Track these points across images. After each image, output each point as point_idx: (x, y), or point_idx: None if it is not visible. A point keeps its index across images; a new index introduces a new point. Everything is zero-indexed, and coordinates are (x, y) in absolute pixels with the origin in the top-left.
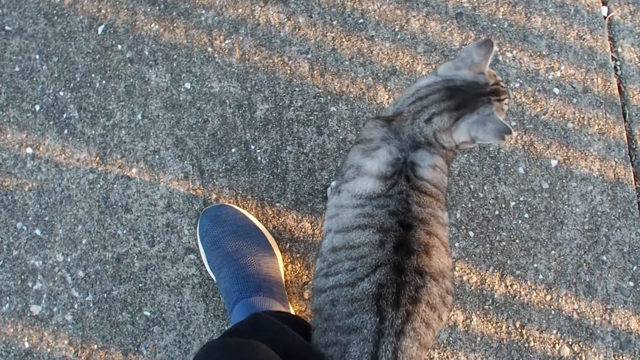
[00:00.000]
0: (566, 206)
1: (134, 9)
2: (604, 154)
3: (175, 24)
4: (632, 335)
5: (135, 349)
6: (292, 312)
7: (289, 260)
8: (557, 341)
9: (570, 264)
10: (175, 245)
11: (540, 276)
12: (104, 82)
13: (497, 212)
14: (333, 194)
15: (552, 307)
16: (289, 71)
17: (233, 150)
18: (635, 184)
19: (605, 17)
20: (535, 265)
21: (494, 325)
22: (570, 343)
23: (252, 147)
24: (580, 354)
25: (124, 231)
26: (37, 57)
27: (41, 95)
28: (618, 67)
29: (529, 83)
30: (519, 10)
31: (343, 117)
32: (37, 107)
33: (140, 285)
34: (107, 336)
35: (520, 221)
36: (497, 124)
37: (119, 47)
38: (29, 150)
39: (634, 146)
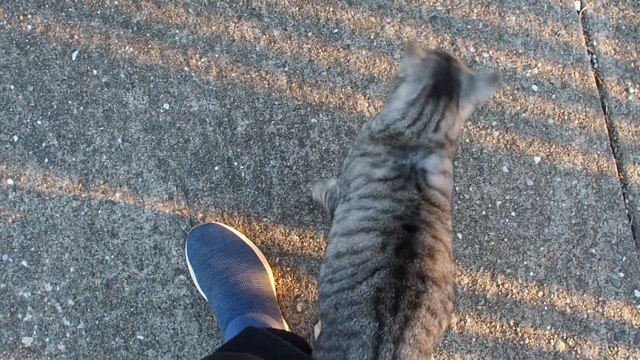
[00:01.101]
0: (552, 202)
1: (106, 32)
2: (586, 148)
3: (149, 45)
4: (626, 326)
5: None
6: (286, 326)
7: (280, 274)
8: (551, 337)
9: (560, 259)
10: (164, 267)
11: (531, 273)
12: (81, 108)
13: (484, 213)
14: (340, 203)
15: (544, 303)
16: (267, 85)
17: (216, 168)
18: (619, 175)
19: (578, 12)
20: (525, 262)
21: (488, 325)
22: (565, 338)
23: (235, 163)
24: (575, 348)
25: (112, 256)
26: (12, 87)
27: (19, 125)
28: (594, 61)
29: (507, 82)
30: (493, 10)
31: (324, 128)
32: (16, 138)
33: (131, 309)
34: None
35: (507, 220)
36: (484, 78)
37: (95, 72)
38: (10, 181)
39: (615, 138)
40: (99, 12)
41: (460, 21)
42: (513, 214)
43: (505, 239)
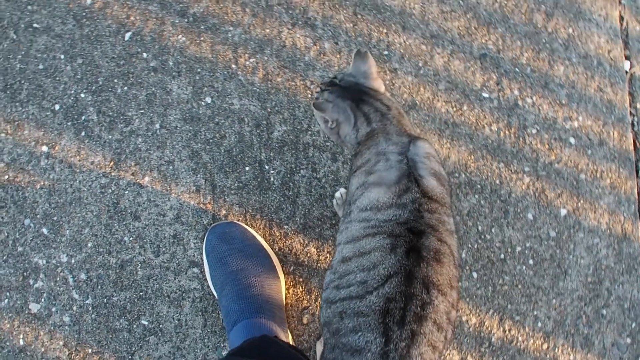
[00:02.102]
0: (571, 256)
1: (162, 19)
2: (614, 208)
3: (202, 38)
4: None
5: (130, 357)
6: (290, 337)
7: (292, 284)
8: None
9: (570, 315)
10: (180, 257)
11: (539, 324)
12: (125, 88)
13: (502, 256)
14: (344, 216)
15: (548, 356)
16: (310, 95)
17: (247, 168)
18: None
19: (627, 72)
20: (535, 312)
21: None
22: None
23: (266, 167)
24: None
25: (131, 238)
26: (62, 57)
27: (62, 95)
28: (635, 123)
29: (546, 130)
30: (543, 57)
31: None
32: (57, 107)
33: (141, 293)
34: (102, 341)
35: (524, 267)
36: (358, 61)
37: (144, 55)
38: (45, 148)
39: None
40: None
41: (509, 63)
42: (531, 262)
43: (519, 286)
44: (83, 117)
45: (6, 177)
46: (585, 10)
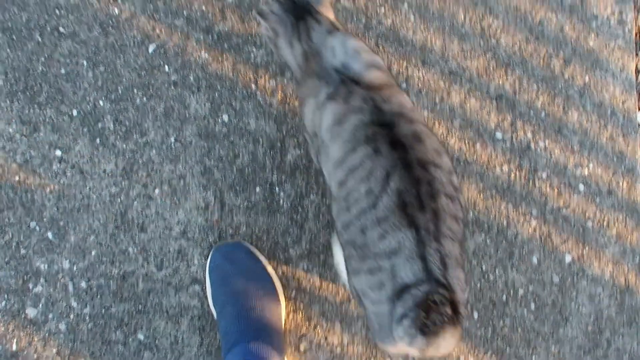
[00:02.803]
0: (573, 304)
1: (187, 34)
2: (619, 259)
3: (224, 56)
4: None
5: None
6: None
7: (292, 309)
8: None
9: None
10: (182, 273)
11: None
12: (144, 99)
13: (504, 298)
14: (317, 153)
15: None
16: None
17: (257, 189)
18: None
19: (639, 124)
20: (534, 357)
21: None
22: None
23: (277, 189)
24: None
25: (135, 250)
26: (85, 63)
27: (81, 101)
28: None
29: (557, 175)
30: (558, 102)
31: None
32: (75, 112)
33: (140, 307)
34: (96, 352)
35: (526, 310)
36: None
37: (166, 68)
38: (58, 152)
39: None
40: (185, 13)
41: (525, 105)
42: (532, 306)
43: (519, 330)
44: (100, 125)
45: (17, 178)
46: (603, 60)
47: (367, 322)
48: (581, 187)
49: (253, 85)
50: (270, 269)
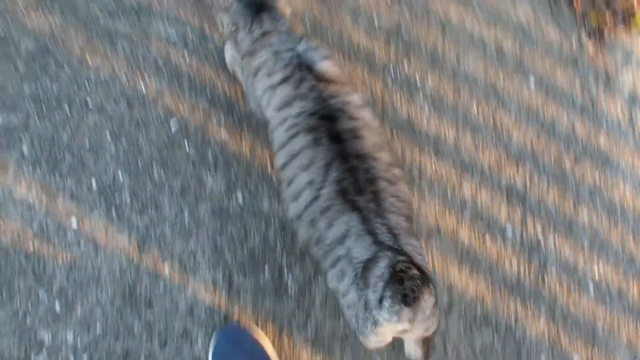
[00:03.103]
0: None
1: (209, 113)
2: None
3: (243, 137)
4: None
5: None
6: None
7: None
8: None
9: None
10: (185, 353)
11: None
12: (162, 174)
13: None
14: (269, 127)
15: None
16: None
17: (266, 271)
18: None
19: None
20: None
21: None
22: None
23: (286, 272)
24: None
25: (140, 326)
26: (109, 135)
27: (101, 172)
28: None
29: (566, 273)
30: (568, 199)
31: None
32: (94, 183)
33: None
34: None
35: None
36: None
37: (186, 145)
38: (74, 222)
39: None
40: (208, 92)
41: (535, 200)
42: None
43: None
44: (117, 197)
45: (31, 245)
46: (613, 159)
47: (349, 324)
48: (591, 286)
49: (269, 168)
50: (273, 354)
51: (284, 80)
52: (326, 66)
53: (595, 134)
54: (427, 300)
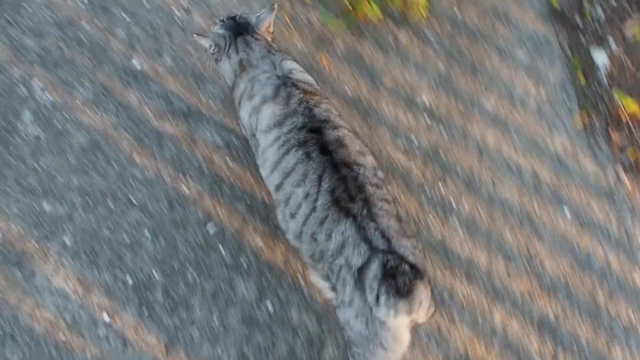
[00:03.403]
0: None
1: (246, 219)
2: None
3: (277, 245)
4: None
5: None
6: None
7: None
8: None
9: None
10: None
11: None
12: (196, 277)
13: None
14: (256, 152)
15: None
16: None
17: None
18: None
19: None
20: None
21: None
22: None
23: None
24: None
25: None
26: (148, 234)
27: (137, 269)
28: None
29: None
30: (601, 336)
31: None
32: (129, 279)
33: None
34: None
35: None
36: (265, 11)
37: (221, 249)
38: (105, 316)
39: None
40: (247, 199)
41: (567, 335)
42: None
43: None
44: (150, 295)
45: (63, 336)
46: None
47: (353, 344)
48: None
49: (301, 279)
50: None
51: (265, 100)
52: (304, 77)
53: (630, 270)
54: (421, 292)
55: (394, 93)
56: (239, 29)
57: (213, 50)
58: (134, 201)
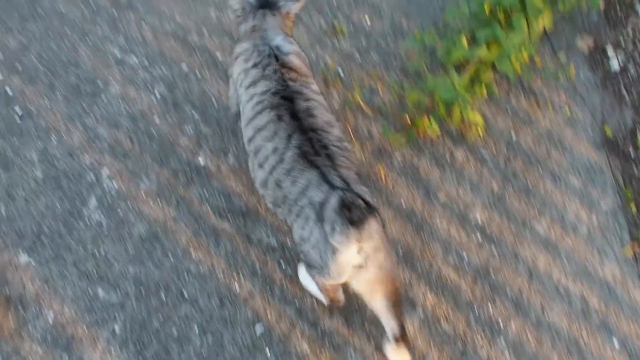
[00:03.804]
0: None
1: (294, 323)
2: None
3: (323, 352)
4: None
5: None
6: None
7: None
8: None
9: None
10: None
11: None
12: None
13: None
14: (239, 105)
15: None
16: None
17: None
18: None
19: None
20: None
21: None
22: None
23: None
24: None
25: None
26: (197, 329)
27: None
28: None
29: None
30: None
31: None
32: None
33: None
34: None
35: None
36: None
37: (267, 351)
38: None
39: None
40: (297, 303)
41: None
42: None
43: None
44: None
45: None
46: None
47: (310, 266)
48: None
49: None
50: None
51: (255, 65)
52: (292, 59)
53: None
54: (372, 226)
55: (447, 208)
56: (265, 4)
57: (239, 13)
58: (186, 295)
